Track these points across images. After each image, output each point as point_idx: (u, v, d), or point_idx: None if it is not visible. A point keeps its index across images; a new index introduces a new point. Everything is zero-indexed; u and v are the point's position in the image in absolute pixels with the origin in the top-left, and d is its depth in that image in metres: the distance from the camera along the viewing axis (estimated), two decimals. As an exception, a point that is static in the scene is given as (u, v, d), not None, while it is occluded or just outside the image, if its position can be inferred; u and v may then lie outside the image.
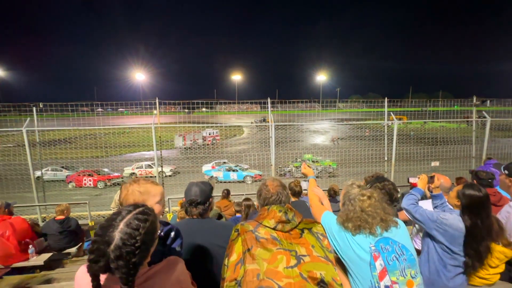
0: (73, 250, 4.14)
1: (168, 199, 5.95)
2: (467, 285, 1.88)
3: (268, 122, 6.86)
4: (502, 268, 1.95)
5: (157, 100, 6.20)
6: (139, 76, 48.98)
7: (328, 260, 1.11)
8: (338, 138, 14.11)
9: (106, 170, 11.09)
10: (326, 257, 1.12)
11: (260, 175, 11.20)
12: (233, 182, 10.95)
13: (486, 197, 1.80)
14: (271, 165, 6.77)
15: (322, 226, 1.27)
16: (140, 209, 0.92)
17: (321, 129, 15.95)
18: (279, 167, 9.74)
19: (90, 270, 0.81)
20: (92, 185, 10.93)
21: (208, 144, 12.50)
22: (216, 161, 11.69)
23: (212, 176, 10.54)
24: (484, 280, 1.96)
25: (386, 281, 1.33)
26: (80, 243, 4.25)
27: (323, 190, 2.27)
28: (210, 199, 1.69)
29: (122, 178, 11.07)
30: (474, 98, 8.42)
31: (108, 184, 10.93)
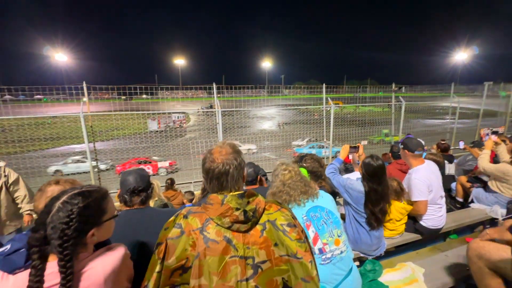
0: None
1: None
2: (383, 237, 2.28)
3: (215, 108, 6.75)
4: (405, 219, 2.43)
5: (84, 85, 5.39)
6: (60, 57, 41.38)
7: (295, 257, 0.92)
8: (284, 123, 14.81)
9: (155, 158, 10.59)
10: (294, 254, 0.92)
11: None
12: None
13: (380, 167, 2.08)
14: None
15: (289, 211, 1.04)
16: (90, 187, 0.95)
17: (268, 115, 16.46)
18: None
19: (30, 240, 0.82)
20: (152, 173, 10.40)
21: (177, 127, 12.69)
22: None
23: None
24: (393, 231, 2.42)
25: (319, 245, 1.52)
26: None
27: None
28: (152, 185, 1.63)
29: (176, 164, 10.49)
30: (393, 85, 9.85)
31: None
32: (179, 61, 58.90)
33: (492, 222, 3.03)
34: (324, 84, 8.01)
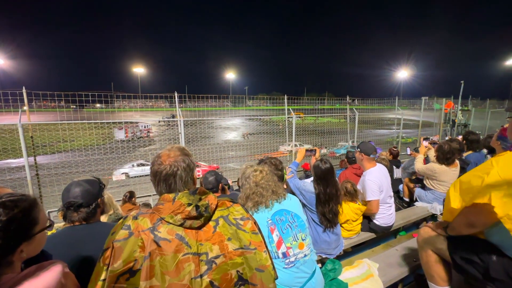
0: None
1: (48, 212, 4.78)
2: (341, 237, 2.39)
3: (177, 118, 6.54)
4: (361, 219, 2.60)
5: (24, 91, 4.78)
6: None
7: (249, 249, 0.93)
8: (249, 133, 14.96)
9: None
10: (247, 246, 0.93)
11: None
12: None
13: (328, 170, 2.19)
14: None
15: (242, 206, 1.05)
16: (13, 196, 0.81)
17: (232, 125, 16.51)
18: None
19: None
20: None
21: (143, 137, 12.23)
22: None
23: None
24: (351, 231, 2.56)
25: (283, 249, 1.52)
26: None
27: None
28: (99, 200, 1.47)
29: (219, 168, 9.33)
30: (348, 98, 10.72)
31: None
32: (139, 69, 56.29)
33: (433, 217, 3.42)
34: (286, 96, 8.36)
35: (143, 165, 10.43)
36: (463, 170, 3.74)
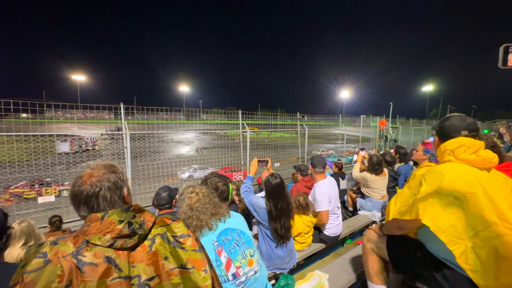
0: None
1: None
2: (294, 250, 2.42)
3: (123, 131, 6.01)
4: (312, 231, 2.70)
5: None
6: None
7: (185, 268, 0.86)
8: (202, 148, 14.58)
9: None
10: (184, 265, 0.85)
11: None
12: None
13: (278, 185, 2.18)
14: (127, 179, 5.94)
15: (183, 223, 0.97)
16: None
17: (185, 139, 15.89)
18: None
19: None
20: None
21: (89, 150, 11.60)
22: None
23: None
24: (303, 244, 2.63)
25: (232, 270, 1.45)
26: None
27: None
28: (9, 231, 1.22)
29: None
30: (298, 114, 11.45)
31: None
32: (78, 77, 50.63)
33: (374, 224, 3.76)
34: (240, 110, 8.48)
35: (204, 168, 9.31)
36: (394, 180, 4.26)
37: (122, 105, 6.15)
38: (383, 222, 1.78)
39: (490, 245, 1.17)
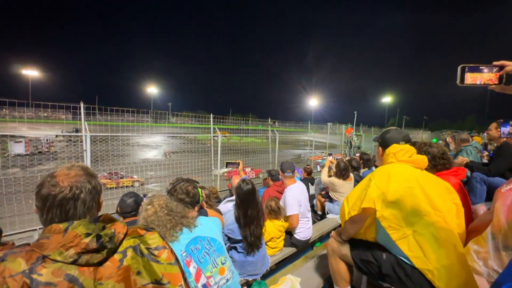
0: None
1: None
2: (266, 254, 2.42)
3: (82, 132, 5.55)
4: (283, 236, 2.73)
5: None
6: None
7: (160, 283, 0.80)
8: (171, 152, 14.05)
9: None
10: (158, 280, 0.79)
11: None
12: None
13: (249, 191, 2.16)
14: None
15: (158, 234, 0.90)
16: None
17: (153, 143, 15.16)
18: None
19: None
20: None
21: (43, 152, 10.96)
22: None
23: None
24: (275, 249, 2.64)
25: (202, 280, 1.39)
26: None
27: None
28: None
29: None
30: (269, 120, 11.66)
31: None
32: (30, 72, 45.50)
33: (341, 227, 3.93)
34: (211, 114, 8.36)
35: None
36: (360, 185, 4.51)
37: (82, 105, 5.67)
38: (340, 229, 1.88)
39: (427, 232, 1.36)
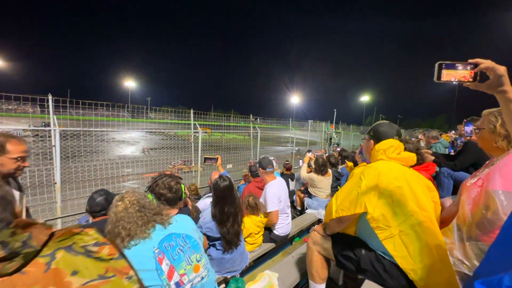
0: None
1: None
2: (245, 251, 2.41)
3: (51, 127, 5.19)
4: (262, 231, 2.73)
5: None
6: None
7: (104, 277, 0.75)
8: (150, 148, 13.59)
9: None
10: (102, 275, 0.74)
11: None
12: None
13: (226, 187, 2.13)
14: (55, 183, 5.11)
15: (96, 231, 0.83)
16: None
17: (130, 139, 14.56)
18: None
19: None
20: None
21: None
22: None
23: None
24: (254, 245, 2.63)
25: (175, 278, 1.33)
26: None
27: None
28: None
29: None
30: (251, 116, 11.62)
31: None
32: (-8, 62, 41.66)
33: (320, 222, 4.01)
34: (192, 110, 8.17)
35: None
36: (337, 180, 4.63)
37: (50, 97, 5.28)
38: (323, 223, 1.90)
39: (412, 232, 1.36)
